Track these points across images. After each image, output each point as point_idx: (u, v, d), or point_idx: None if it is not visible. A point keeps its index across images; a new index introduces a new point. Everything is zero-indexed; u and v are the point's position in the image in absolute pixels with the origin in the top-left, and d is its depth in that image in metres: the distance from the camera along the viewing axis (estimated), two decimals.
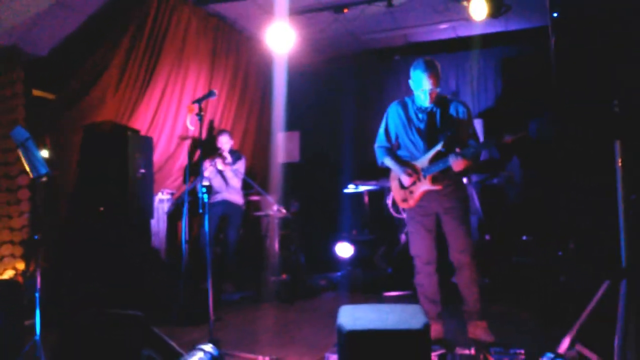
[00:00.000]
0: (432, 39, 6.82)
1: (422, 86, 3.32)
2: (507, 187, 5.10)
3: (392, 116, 3.56)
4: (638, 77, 2.12)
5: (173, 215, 5.60)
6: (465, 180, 5.18)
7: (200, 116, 3.31)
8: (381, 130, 3.63)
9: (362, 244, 5.73)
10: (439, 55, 6.78)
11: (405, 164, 3.48)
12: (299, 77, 7.02)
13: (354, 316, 2.17)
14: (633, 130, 2.19)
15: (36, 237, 3.17)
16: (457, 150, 3.25)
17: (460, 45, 6.72)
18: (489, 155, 5.77)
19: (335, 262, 5.83)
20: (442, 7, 5.46)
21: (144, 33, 4.79)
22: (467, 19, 5.50)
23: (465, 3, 5.24)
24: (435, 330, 3.44)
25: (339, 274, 5.66)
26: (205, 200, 3.22)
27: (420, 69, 3.32)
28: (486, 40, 6.49)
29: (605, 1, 2.12)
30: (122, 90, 4.79)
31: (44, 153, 4.31)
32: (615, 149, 2.19)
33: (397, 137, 3.57)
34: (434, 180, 3.34)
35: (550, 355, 2.40)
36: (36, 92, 4.80)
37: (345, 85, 7.08)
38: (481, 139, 4.97)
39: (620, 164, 2.18)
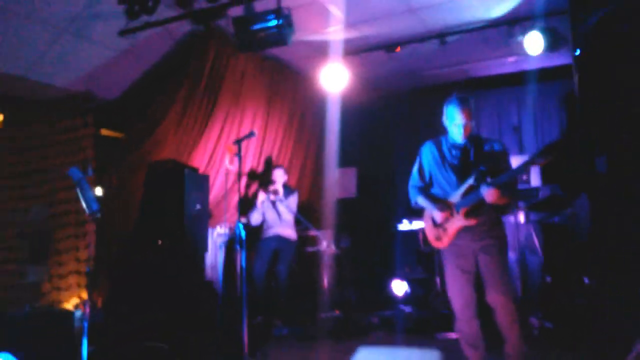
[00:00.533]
0: (492, 73, 6.70)
1: (455, 120, 3.28)
2: (572, 226, 4.82)
3: (426, 154, 3.51)
4: None
5: (229, 249, 5.78)
6: (517, 217, 4.99)
7: (239, 156, 3.44)
8: (414, 169, 3.59)
9: (416, 282, 5.60)
10: (500, 89, 6.66)
11: (438, 200, 3.39)
12: (356, 115, 7.13)
13: (367, 359, 2.14)
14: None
15: (88, 269, 3.38)
16: (489, 179, 3.15)
17: (522, 79, 6.54)
18: (550, 192, 5.51)
19: (389, 300, 5.73)
20: (495, 43, 5.38)
21: (202, 79, 5.09)
22: (526, 54, 5.38)
23: (520, 38, 5.15)
24: None
25: (391, 312, 5.55)
26: (243, 236, 3.32)
27: (454, 104, 3.30)
28: (550, 73, 6.28)
29: (629, 38, 2.04)
30: (182, 132, 5.09)
31: (98, 191, 4.63)
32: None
33: (430, 176, 3.50)
34: (467, 215, 3.22)
35: None
36: (105, 132, 5.21)
37: (402, 121, 7.10)
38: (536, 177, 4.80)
39: None
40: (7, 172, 5.23)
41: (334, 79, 5.87)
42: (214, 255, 5.58)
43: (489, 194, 3.10)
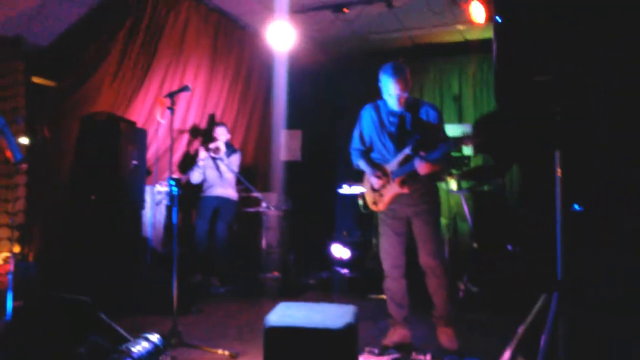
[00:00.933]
0: (438, 41, 6.75)
1: (389, 91, 3.33)
2: (500, 195, 5.01)
3: (366, 119, 3.55)
4: (579, 85, 2.08)
5: (169, 207, 5.71)
6: (455, 186, 5.14)
7: (171, 109, 3.36)
8: (355, 133, 3.64)
9: (354, 245, 5.73)
10: (444, 58, 6.73)
11: (377, 166, 3.48)
12: (303, 76, 7.06)
13: (285, 313, 2.20)
14: (573, 140, 2.15)
15: (12, 220, 3.26)
16: (422, 153, 3.23)
17: (466, 49, 6.63)
18: (482, 161, 5.72)
19: (327, 262, 5.85)
20: (440, 9, 5.40)
21: (141, 26, 4.90)
22: (470, 23, 5.44)
23: (463, 6, 5.20)
24: (401, 334, 3.46)
25: (328, 274, 5.68)
26: (175, 193, 3.28)
27: (388, 74, 3.32)
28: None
29: (548, 5, 2.08)
30: (119, 82, 4.90)
31: (24, 140, 4.45)
32: (556, 159, 2.15)
33: (371, 141, 3.57)
34: (402, 184, 3.33)
35: None
36: (36, 80, 4.95)
37: (349, 85, 7.08)
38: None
39: (559, 174, 2.14)
40: None
41: (281, 37, 5.75)
42: (153, 213, 5.51)
43: (421, 166, 3.20)
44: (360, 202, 3.89)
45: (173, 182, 3.28)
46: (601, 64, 2.00)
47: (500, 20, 2.17)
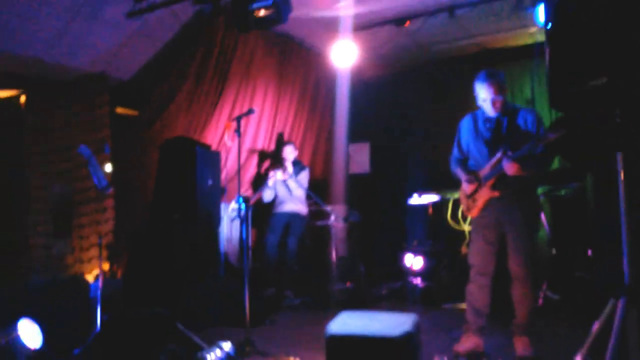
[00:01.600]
0: (505, 45, 6.60)
1: (482, 95, 3.38)
2: (578, 199, 4.80)
3: (464, 128, 3.64)
4: (637, 87, 2.02)
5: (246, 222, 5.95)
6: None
7: (239, 132, 3.56)
8: (455, 142, 3.73)
9: (425, 255, 5.68)
10: (514, 62, 6.56)
11: (470, 172, 3.54)
12: (368, 89, 7.16)
13: (345, 322, 2.27)
14: (635, 142, 2.08)
15: (100, 241, 3.57)
16: (509, 153, 3.21)
17: (536, 52, 6.42)
18: (560, 165, 5.49)
19: (399, 272, 5.84)
20: (506, 14, 5.31)
21: (211, 57, 5.22)
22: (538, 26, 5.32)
23: (530, 10, 5.09)
24: (474, 342, 3.46)
25: (400, 284, 5.67)
26: (243, 210, 3.46)
27: (481, 79, 3.39)
28: None
29: (601, 9, 2.05)
30: (193, 110, 5.26)
31: (108, 168, 4.83)
32: (618, 162, 2.09)
33: (468, 148, 3.62)
34: (493, 187, 3.35)
35: None
36: (120, 110, 5.40)
37: (415, 95, 7.07)
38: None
39: (622, 178, 2.08)
40: (31, 151, 5.49)
41: (345, 55, 5.90)
42: (229, 229, 5.78)
43: (508, 167, 3.20)
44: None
45: (242, 200, 3.46)
46: None
47: (550, 26, 2.16)
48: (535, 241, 3.48)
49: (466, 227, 5.50)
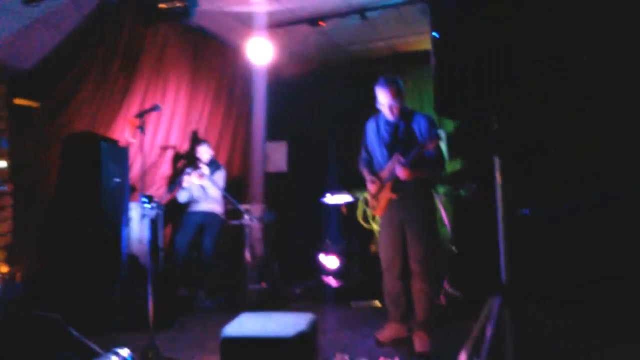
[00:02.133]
0: (416, 49, 6.85)
1: (381, 100, 3.58)
2: (476, 198, 5.08)
3: (367, 130, 3.84)
4: (516, 93, 2.16)
5: (155, 222, 5.78)
6: None
7: (142, 129, 3.46)
8: (362, 144, 3.93)
9: (339, 254, 5.79)
10: (423, 65, 6.80)
11: (374, 173, 3.74)
12: (286, 88, 7.18)
13: (242, 323, 2.27)
14: (511, 147, 2.23)
15: None
16: (400, 158, 3.43)
17: None
18: (461, 167, 5.79)
19: (313, 271, 5.91)
20: (412, 19, 5.51)
21: (118, 48, 5.00)
22: None
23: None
24: (395, 329, 3.68)
25: (314, 283, 5.75)
26: (148, 209, 3.37)
27: (380, 85, 3.59)
28: None
29: (484, 22, 2.17)
30: (99, 103, 5.00)
31: (3, 163, 4.55)
32: (495, 165, 2.23)
33: (372, 149, 3.82)
34: (392, 189, 3.56)
35: None
36: (19, 101, 5.06)
37: (332, 95, 7.17)
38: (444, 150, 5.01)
39: (499, 180, 2.22)
40: None
41: (261, 52, 5.88)
42: (139, 229, 5.58)
43: (400, 172, 3.42)
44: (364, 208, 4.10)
45: (146, 200, 3.37)
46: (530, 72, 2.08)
47: (437, 36, 2.26)
48: (435, 239, 3.72)
49: (375, 227, 5.67)
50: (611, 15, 1.94)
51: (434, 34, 2.27)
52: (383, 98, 3.57)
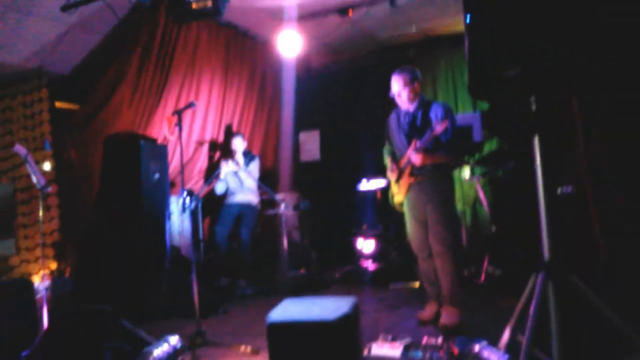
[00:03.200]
0: (447, 32, 6.76)
1: (393, 89, 3.78)
2: (514, 178, 5.02)
3: (390, 122, 4.01)
4: (554, 73, 2.15)
5: (195, 215, 5.93)
6: (468, 173, 5.20)
7: (179, 126, 3.55)
8: (385, 135, 4.11)
9: (376, 238, 5.83)
10: (455, 48, 6.73)
11: (392, 161, 3.94)
12: (317, 78, 7.21)
13: (286, 309, 2.35)
14: (550, 126, 2.22)
15: (42, 240, 3.50)
16: (415, 144, 3.59)
17: None
18: (498, 147, 5.72)
19: (350, 256, 5.98)
20: (442, 2, 5.45)
21: (154, 47, 5.12)
22: None
23: None
24: (433, 310, 3.74)
25: (351, 267, 5.81)
26: (188, 203, 3.48)
27: (393, 74, 3.80)
28: None
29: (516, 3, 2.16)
30: (137, 102, 5.16)
31: (47, 165, 4.73)
32: (534, 145, 2.23)
33: (394, 139, 3.97)
34: (410, 174, 3.73)
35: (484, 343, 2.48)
36: (60, 104, 5.26)
37: (362, 82, 7.17)
38: (478, 132, 4.98)
39: (538, 161, 2.22)
40: None
41: (291, 44, 5.93)
42: (180, 222, 5.74)
43: (413, 157, 3.61)
44: (390, 195, 4.20)
45: (186, 194, 3.47)
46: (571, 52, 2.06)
47: (469, 17, 2.26)
48: (453, 218, 3.77)
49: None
50: None
51: (466, 15, 2.27)
52: (394, 86, 3.77)
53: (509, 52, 2.13)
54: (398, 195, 3.92)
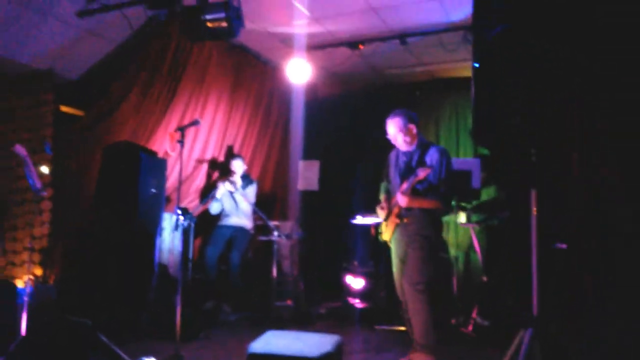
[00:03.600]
0: (454, 75, 6.84)
1: (388, 131, 3.86)
2: (509, 228, 5.00)
3: (390, 159, 4.05)
4: (554, 129, 2.15)
5: (187, 233, 5.87)
6: (464, 219, 5.17)
7: (181, 142, 3.55)
8: (384, 172, 4.14)
9: (365, 276, 5.76)
10: (460, 92, 6.79)
11: (387, 199, 3.94)
12: (322, 108, 7.26)
13: (268, 341, 2.29)
14: (548, 180, 2.21)
15: (30, 244, 3.45)
16: (402, 187, 3.59)
17: None
18: (496, 195, 5.72)
19: (339, 291, 5.89)
20: (454, 47, 5.52)
21: (164, 63, 5.17)
22: None
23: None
24: (422, 358, 3.60)
25: (339, 304, 5.72)
26: (180, 221, 3.44)
27: (388, 117, 3.88)
28: None
29: (525, 57, 2.18)
30: (142, 115, 5.17)
31: (45, 169, 4.70)
32: (531, 197, 2.21)
33: (390, 177, 3.99)
34: (397, 215, 3.73)
35: None
36: (64, 109, 5.26)
37: (367, 117, 7.21)
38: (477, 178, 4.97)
39: (535, 213, 2.20)
40: None
41: (300, 72, 5.99)
42: (171, 240, 5.69)
43: (400, 199, 3.63)
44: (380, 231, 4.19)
45: (180, 212, 3.44)
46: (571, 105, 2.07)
47: (477, 66, 2.27)
48: (431, 265, 3.68)
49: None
50: None
51: (475, 64, 2.28)
52: (389, 130, 3.84)
53: (513, 103, 2.14)
54: (385, 233, 3.95)
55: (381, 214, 3.94)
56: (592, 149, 2.33)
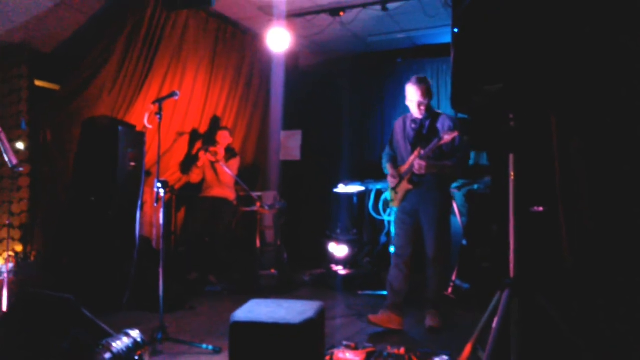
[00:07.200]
0: (439, 42, 6.80)
1: (411, 97, 3.83)
2: (488, 192, 5.06)
3: (395, 128, 4.07)
4: (534, 93, 2.15)
5: (169, 206, 5.85)
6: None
7: (159, 115, 3.49)
8: (388, 140, 4.18)
9: (348, 243, 5.82)
10: (442, 58, 6.77)
11: (392, 167, 4.00)
12: (304, 77, 7.18)
13: (251, 309, 2.31)
14: (527, 144, 2.23)
15: (8, 221, 3.41)
16: (421, 151, 3.65)
17: None
18: (474, 161, 5.78)
19: (323, 259, 5.96)
20: (435, 12, 5.47)
21: (140, 33, 5.04)
22: None
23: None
24: (388, 316, 3.76)
25: (322, 271, 5.79)
26: (162, 194, 3.41)
27: (412, 83, 3.86)
28: None
29: (505, 20, 2.16)
30: (119, 87, 5.06)
31: (20, 145, 4.62)
32: (510, 162, 2.23)
33: (397, 145, 4.04)
34: (409, 181, 3.81)
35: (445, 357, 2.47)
36: (39, 83, 5.13)
37: (349, 85, 7.18)
38: None
39: (512, 177, 2.22)
40: None
41: (280, 41, 5.88)
42: (153, 212, 5.65)
43: (416, 162, 3.67)
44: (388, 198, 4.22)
45: (161, 184, 3.41)
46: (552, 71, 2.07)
47: (457, 31, 2.25)
48: (447, 231, 3.91)
49: (386, 218, 5.69)
50: None
51: (454, 29, 2.26)
52: (413, 95, 3.81)
53: (492, 68, 2.14)
54: (394, 201, 4.01)
55: (392, 181, 3.98)
56: (569, 113, 2.36)
